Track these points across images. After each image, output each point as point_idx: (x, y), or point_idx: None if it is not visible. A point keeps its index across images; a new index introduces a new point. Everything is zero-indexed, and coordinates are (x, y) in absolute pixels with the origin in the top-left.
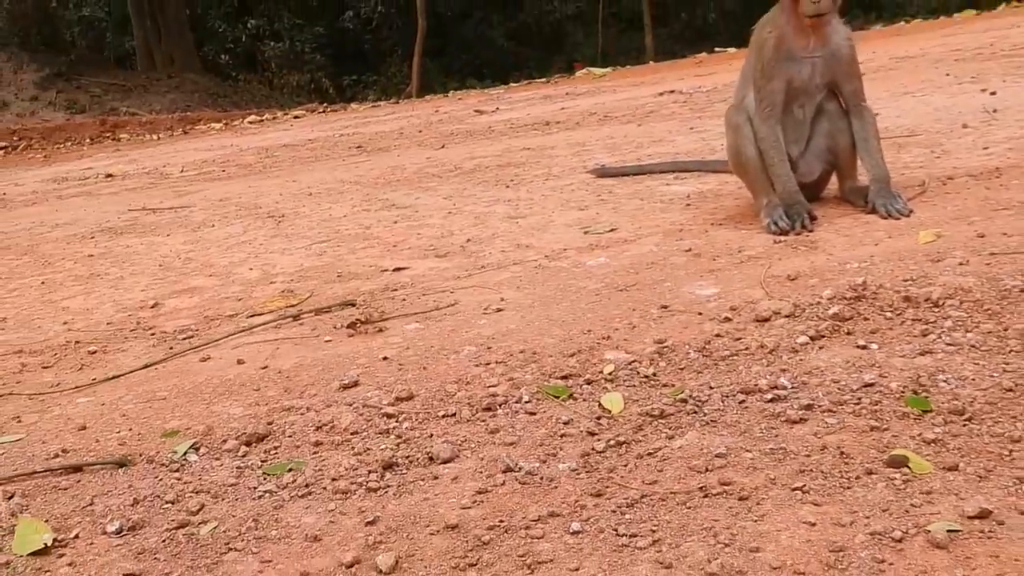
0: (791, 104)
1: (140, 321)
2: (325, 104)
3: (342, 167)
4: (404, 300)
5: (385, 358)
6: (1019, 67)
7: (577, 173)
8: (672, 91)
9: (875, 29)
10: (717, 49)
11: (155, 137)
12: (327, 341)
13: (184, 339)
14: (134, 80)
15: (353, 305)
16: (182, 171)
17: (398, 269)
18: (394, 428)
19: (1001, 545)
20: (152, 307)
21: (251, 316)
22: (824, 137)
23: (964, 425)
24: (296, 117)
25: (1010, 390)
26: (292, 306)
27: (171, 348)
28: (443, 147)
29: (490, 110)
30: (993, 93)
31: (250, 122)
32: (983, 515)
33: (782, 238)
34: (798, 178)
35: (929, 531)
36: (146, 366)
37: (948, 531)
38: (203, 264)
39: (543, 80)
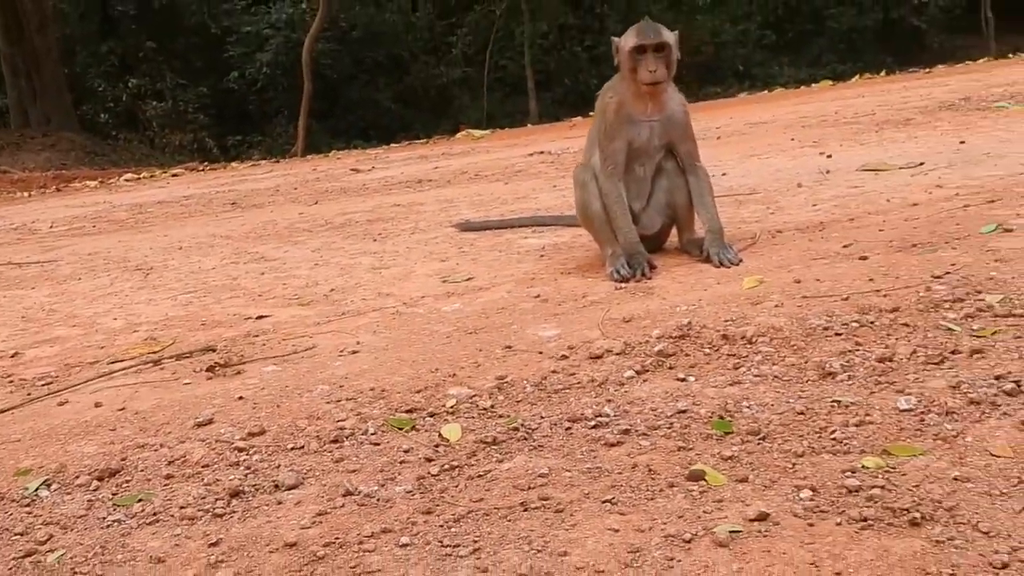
0: (633, 163)
1: None
2: (206, 163)
3: (214, 223)
4: (264, 345)
5: (241, 398)
6: (856, 133)
7: (443, 228)
8: (542, 152)
9: (740, 97)
10: (591, 113)
11: (27, 194)
12: (186, 384)
13: (43, 385)
14: (7, 138)
15: (213, 350)
16: (51, 227)
17: (261, 317)
18: (244, 460)
19: (774, 542)
20: (12, 356)
21: (112, 363)
22: (664, 193)
23: (758, 444)
24: (174, 175)
25: (801, 413)
26: (154, 352)
27: (28, 394)
28: (316, 203)
29: (366, 169)
30: (829, 156)
31: (126, 180)
32: (761, 518)
33: (623, 285)
34: (641, 231)
35: (715, 532)
36: (2, 411)
37: (730, 532)
38: (67, 315)
39: (423, 141)
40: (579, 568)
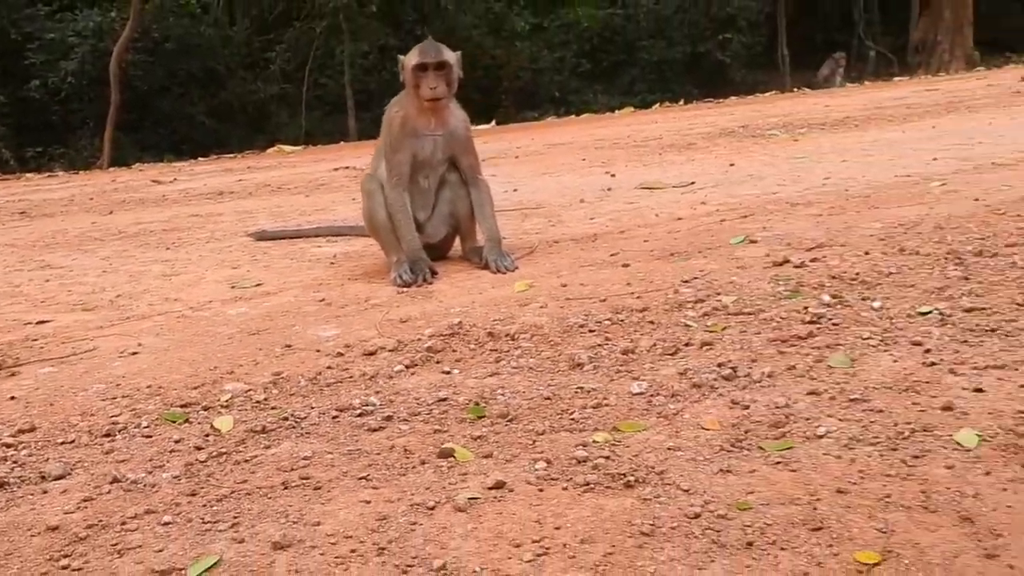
0: (417, 175)
1: None
2: None
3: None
4: (42, 348)
5: (13, 398)
6: (642, 155)
7: (238, 237)
8: (347, 167)
9: (548, 120)
10: None
11: None
12: None
13: None
14: None
15: None
16: None
17: (41, 322)
18: (11, 455)
19: (506, 506)
20: None
21: None
22: (447, 204)
23: (506, 425)
24: None
25: (548, 398)
26: None
27: None
28: (111, 213)
29: (167, 180)
30: (613, 175)
31: None
32: (498, 486)
33: (405, 289)
34: (425, 239)
35: (455, 500)
36: None
37: (469, 499)
38: None
39: (231, 156)
40: (329, 535)
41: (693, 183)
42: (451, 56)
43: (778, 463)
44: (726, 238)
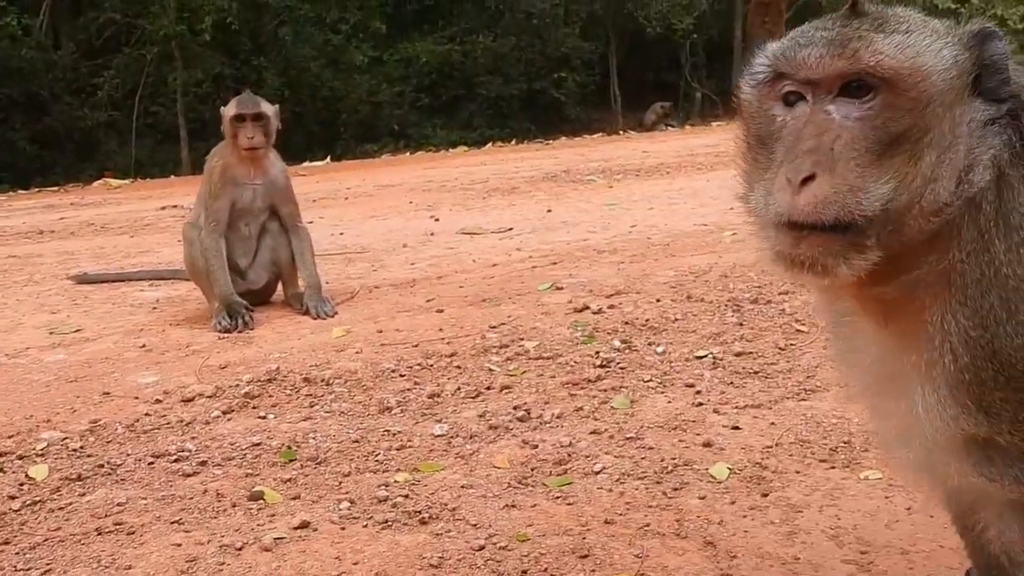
0: (238, 223)
1: None
2: None
3: None
4: None
5: None
6: (467, 199)
7: (59, 280)
8: (175, 205)
9: (384, 157)
10: None
11: None
12: None
13: None
14: None
15: None
16: None
17: None
18: None
19: (310, 544)
20: None
21: None
22: (268, 251)
23: (315, 467)
24: None
25: (357, 441)
26: None
27: None
28: None
29: None
30: (437, 219)
31: None
32: (303, 526)
33: (226, 335)
34: (247, 285)
35: (262, 540)
36: None
37: (275, 539)
38: None
39: (54, 189)
40: None
41: (511, 229)
42: (268, 108)
43: (557, 497)
44: (535, 284)
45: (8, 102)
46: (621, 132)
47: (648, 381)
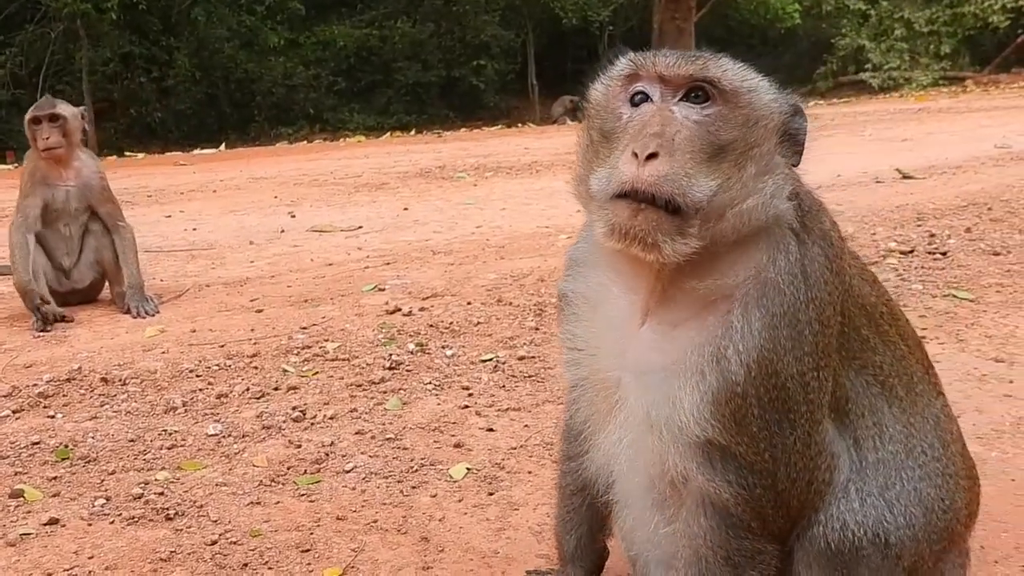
0: (58, 224)
1: None
2: None
3: None
4: None
5: None
6: (332, 195)
7: None
8: None
9: (280, 145)
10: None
11: None
12: None
13: None
14: None
15: None
16: None
17: None
18: None
19: (53, 540)
20: None
21: None
22: (92, 251)
23: (84, 466)
24: None
25: (133, 440)
26: None
27: None
28: None
29: None
30: (293, 216)
31: None
32: (52, 522)
33: (41, 334)
34: (72, 284)
35: (9, 536)
36: None
37: (22, 534)
38: None
39: None
40: None
41: (360, 227)
42: (67, 109)
43: (302, 495)
44: (361, 285)
45: None
46: (528, 124)
47: (428, 383)
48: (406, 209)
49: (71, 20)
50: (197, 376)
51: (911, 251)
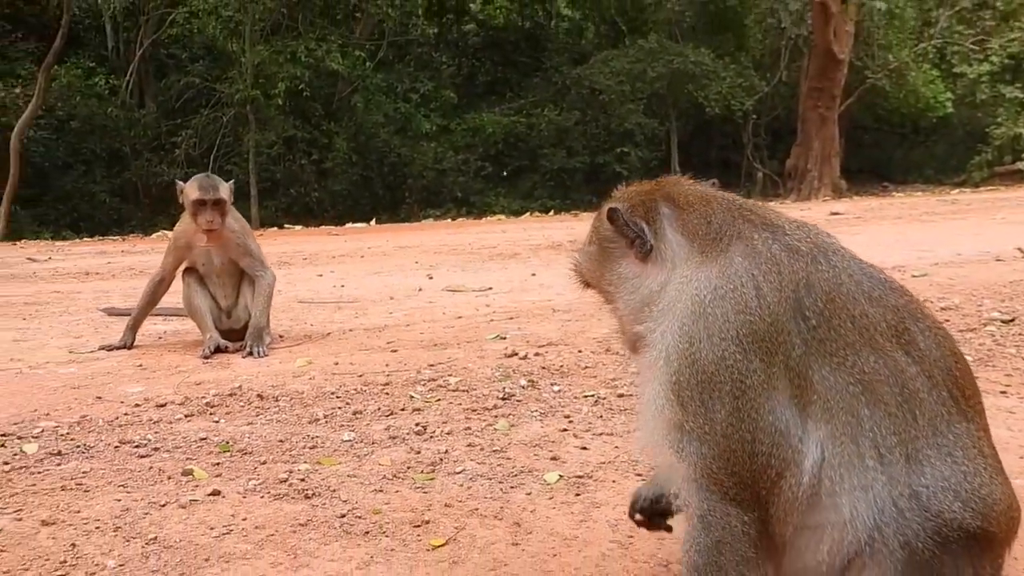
0: (211, 274)
1: None
2: None
3: None
4: None
5: None
6: (469, 261)
7: (91, 312)
8: None
9: (426, 221)
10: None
11: None
12: None
13: None
14: None
15: None
16: None
17: None
18: None
19: (215, 506)
20: None
21: None
22: (245, 297)
23: (242, 457)
24: None
25: (281, 441)
26: None
27: None
28: None
29: (43, 259)
30: (431, 278)
31: None
32: (215, 493)
33: (208, 360)
34: (230, 324)
35: (179, 501)
36: None
37: (190, 500)
38: None
39: (115, 238)
40: (84, 518)
41: (491, 288)
42: (225, 191)
43: (418, 488)
44: (485, 334)
45: (92, 156)
46: None
47: (534, 412)
48: (533, 275)
49: (241, 105)
50: (337, 397)
51: (1011, 320)
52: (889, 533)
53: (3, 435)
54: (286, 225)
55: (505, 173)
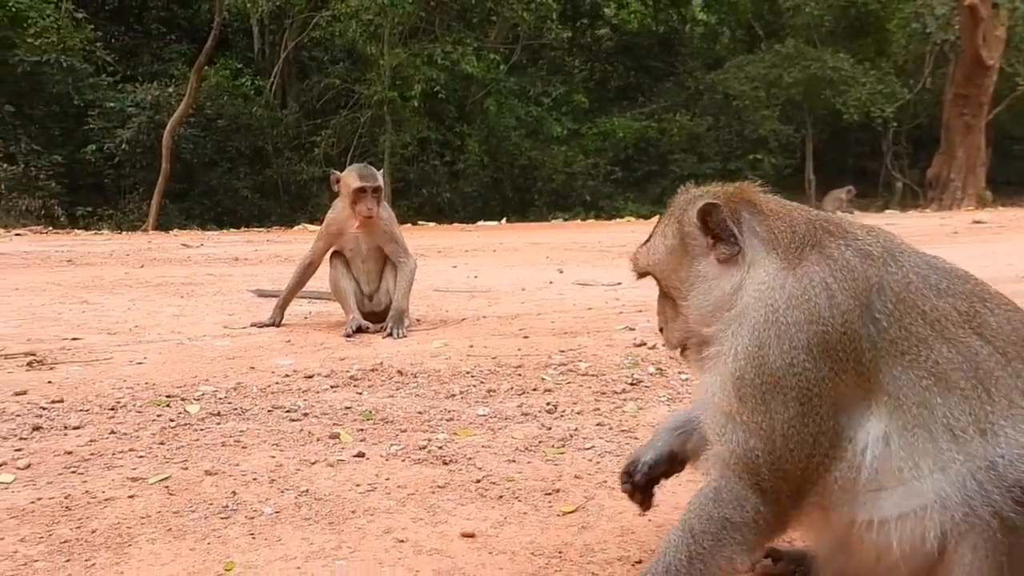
0: (356, 260)
1: None
2: (50, 228)
3: (49, 273)
4: (74, 355)
5: (50, 382)
6: (598, 258)
7: (242, 293)
8: None
9: (555, 221)
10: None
11: None
12: (8, 373)
13: None
14: None
15: (34, 355)
16: None
17: (75, 339)
18: (45, 413)
19: (360, 466)
20: None
21: None
22: (387, 281)
23: (384, 425)
24: (17, 234)
25: (421, 412)
26: None
27: None
28: (142, 267)
29: (195, 245)
30: (561, 272)
31: None
32: (360, 455)
33: (350, 339)
34: (372, 307)
35: (328, 460)
36: None
37: (338, 460)
38: None
39: (260, 230)
40: (243, 471)
41: (620, 283)
42: (381, 179)
43: (549, 460)
44: (613, 324)
45: (236, 154)
46: None
47: (662, 396)
48: None
49: (379, 106)
50: (472, 376)
51: None
52: (977, 505)
53: (168, 396)
54: (419, 222)
55: (635, 178)
